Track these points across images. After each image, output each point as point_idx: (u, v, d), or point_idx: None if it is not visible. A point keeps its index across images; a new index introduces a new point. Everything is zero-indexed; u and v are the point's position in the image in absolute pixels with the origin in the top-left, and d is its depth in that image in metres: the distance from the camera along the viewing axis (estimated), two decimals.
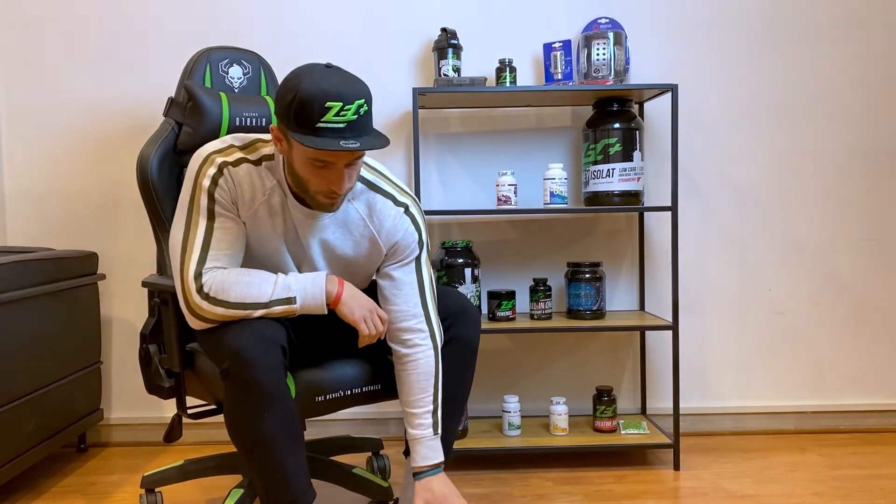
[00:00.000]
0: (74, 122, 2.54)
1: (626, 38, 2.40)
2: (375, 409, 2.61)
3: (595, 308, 2.37)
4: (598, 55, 2.31)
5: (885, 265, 2.62)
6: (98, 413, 2.48)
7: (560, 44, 2.40)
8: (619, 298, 2.61)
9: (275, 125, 1.52)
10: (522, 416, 2.57)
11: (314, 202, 1.54)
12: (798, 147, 2.59)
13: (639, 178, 2.32)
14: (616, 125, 2.30)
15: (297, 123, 1.44)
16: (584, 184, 2.39)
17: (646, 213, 2.57)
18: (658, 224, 2.60)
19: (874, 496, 2.05)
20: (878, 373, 2.64)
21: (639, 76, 2.56)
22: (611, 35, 2.31)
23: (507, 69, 2.36)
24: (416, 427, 1.68)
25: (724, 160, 2.59)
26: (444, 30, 2.37)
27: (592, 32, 2.32)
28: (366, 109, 1.46)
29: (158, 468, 1.94)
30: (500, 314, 2.36)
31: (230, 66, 2.05)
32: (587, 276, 2.36)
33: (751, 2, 2.56)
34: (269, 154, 1.60)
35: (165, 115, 1.98)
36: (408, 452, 1.78)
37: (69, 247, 2.57)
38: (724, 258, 2.61)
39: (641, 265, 2.57)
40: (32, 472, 2.33)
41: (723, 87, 2.58)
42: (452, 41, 2.36)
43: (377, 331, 1.60)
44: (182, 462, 1.94)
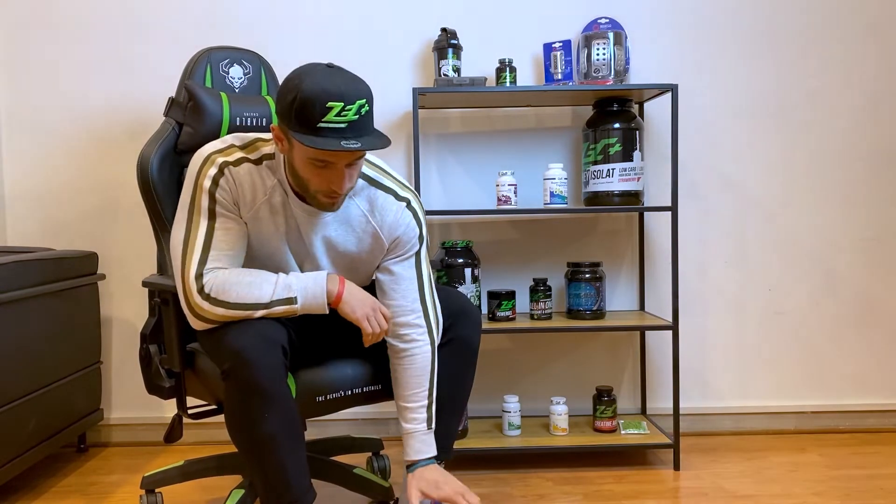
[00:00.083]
0: (74, 122, 2.54)
1: (626, 38, 2.40)
2: (376, 409, 2.61)
3: (595, 308, 2.37)
4: (598, 55, 2.31)
5: (886, 265, 2.62)
6: (98, 413, 2.48)
7: (560, 44, 2.40)
8: (619, 298, 2.61)
9: (275, 125, 1.52)
10: (522, 416, 2.57)
11: (315, 202, 1.54)
12: (798, 147, 2.60)
13: (639, 178, 2.32)
14: (616, 125, 2.30)
15: (299, 123, 1.44)
16: (584, 184, 2.39)
17: (646, 213, 2.58)
18: (658, 224, 2.60)
19: (874, 496, 2.05)
20: (878, 373, 2.65)
21: (639, 76, 2.57)
22: (611, 35, 2.31)
23: (507, 69, 2.36)
24: (410, 421, 1.69)
25: (724, 160, 2.59)
26: (444, 30, 2.37)
27: (592, 32, 2.32)
28: (367, 109, 1.46)
29: (159, 468, 1.93)
30: (500, 314, 2.36)
31: (231, 67, 2.05)
32: (587, 276, 2.36)
33: (751, 2, 2.56)
34: (270, 153, 1.59)
35: (166, 115, 1.98)
36: None
37: (69, 247, 2.57)
38: (724, 258, 2.61)
39: (641, 265, 2.58)
40: (32, 472, 2.33)
41: (723, 87, 2.58)
42: (452, 41, 2.36)
43: (381, 328, 1.60)
44: (182, 462, 1.93)
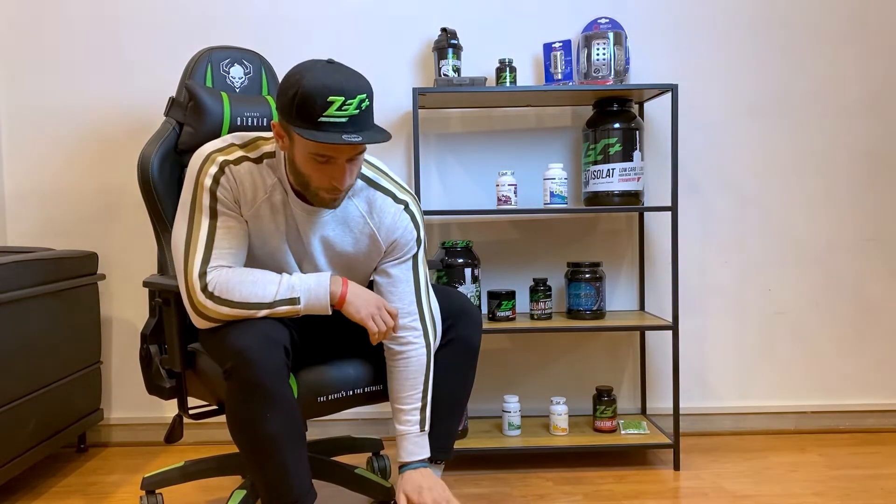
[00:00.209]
0: (75, 122, 2.54)
1: (626, 38, 2.40)
2: (376, 410, 2.61)
3: (595, 308, 2.37)
4: (598, 55, 2.31)
5: (885, 265, 2.63)
6: (98, 413, 2.48)
7: (560, 44, 2.40)
8: (619, 298, 2.61)
9: (276, 121, 1.52)
10: (522, 416, 2.57)
11: (315, 198, 1.54)
12: (798, 147, 2.60)
13: (639, 178, 2.33)
14: (616, 125, 2.31)
15: (300, 118, 1.44)
16: (584, 184, 2.39)
17: (646, 213, 2.58)
18: (658, 224, 2.60)
19: (874, 496, 2.05)
20: (878, 373, 2.65)
21: (639, 76, 2.57)
22: (611, 35, 2.31)
23: (507, 69, 2.36)
24: (404, 423, 1.69)
25: (724, 160, 2.59)
26: (444, 30, 2.37)
27: (592, 32, 2.32)
28: (367, 104, 1.46)
29: (159, 469, 1.93)
30: (500, 314, 2.36)
31: (231, 66, 2.05)
32: (587, 276, 2.36)
33: (751, 2, 2.57)
34: (270, 152, 1.59)
35: (166, 115, 1.98)
36: None
37: (69, 247, 2.56)
38: (724, 258, 2.61)
39: (641, 265, 2.58)
40: (32, 472, 2.32)
41: (723, 87, 2.58)
42: (452, 41, 2.36)
43: (387, 326, 1.60)
44: (183, 463, 1.93)
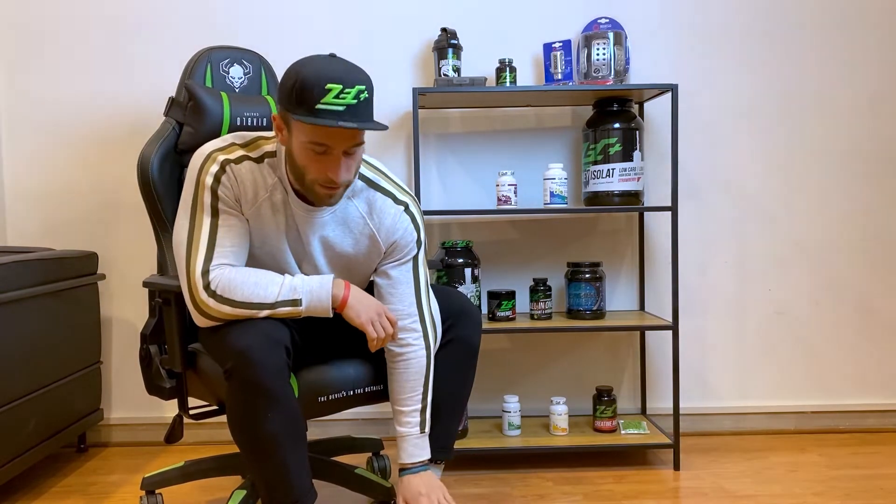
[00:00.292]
0: (75, 122, 2.54)
1: (626, 38, 2.40)
2: (376, 410, 2.61)
3: (595, 308, 2.37)
4: (598, 55, 2.31)
5: (885, 265, 2.63)
6: (98, 413, 2.48)
7: (560, 44, 2.40)
8: (619, 298, 2.61)
9: (276, 113, 1.52)
10: (522, 416, 2.57)
11: (312, 194, 1.53)
12: (798, 147, 2.60)
13: (639, 178, 2.33)
14: (616, 125, 2.31)
15: (298, 105, 1.44)
16: (584, 184, 2.39)
17: (646, 213, 2.58)
18: (658, 224, 2.60)
19: (874, 496, 2.05)
20: (878, 373, 2.65)
21: (639, 76, 2.57)
22: (611, 35, 2.31)
23: (507, 69, 2.36)
24: (404, 425, 1.70)
25: (724, 160, 2.59)
26: (444, 30, 2.37)
27: (592, 32, 2.32)
28: (366, 96, 1.46)
29: (159, 469, 1.93)
30: (500, 314, 2.36)
31: (231, 66, 2.05)
32: (587, 276, 2.36)
33: (751, 2, 2.57)
34: (271, 151, 1.60)
35: (166, 115, 1.97)
36: None
37: (69, 247, 2.56)
38: (724, 258, 2.61)
39: (641, 265, 2.58)
40: (32, 472, 2.32)
41: (723, 88, 2.58)
42: (452, 41, 2.36)
43: (386, 333, 1.60)
44: (183, 463, 1.93)
